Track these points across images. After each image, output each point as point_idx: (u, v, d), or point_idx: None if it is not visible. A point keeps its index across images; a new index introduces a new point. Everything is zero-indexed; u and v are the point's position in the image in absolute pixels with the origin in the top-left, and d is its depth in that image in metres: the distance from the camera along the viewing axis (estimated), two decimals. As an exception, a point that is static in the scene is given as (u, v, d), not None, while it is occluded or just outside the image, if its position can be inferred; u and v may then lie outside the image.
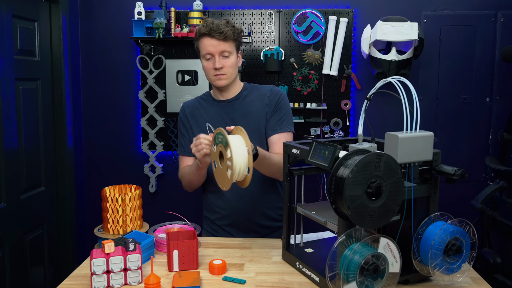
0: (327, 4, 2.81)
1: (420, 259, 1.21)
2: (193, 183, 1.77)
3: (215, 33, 1.67)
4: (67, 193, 2.78)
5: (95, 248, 1.34)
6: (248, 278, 1.32)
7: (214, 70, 1.70)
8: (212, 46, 1.68)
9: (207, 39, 1.68)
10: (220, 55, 1.69)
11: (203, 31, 1.68)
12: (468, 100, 2.78)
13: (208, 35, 1.68)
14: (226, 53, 1.70)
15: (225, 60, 1.71)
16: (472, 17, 2.72)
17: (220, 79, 1.72)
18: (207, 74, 1.75)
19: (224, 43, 1.68)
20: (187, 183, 1.79)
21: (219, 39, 1.67)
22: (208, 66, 1.72)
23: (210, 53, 1.69)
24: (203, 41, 1.70)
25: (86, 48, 2.99)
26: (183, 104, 1.89)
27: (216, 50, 1.68)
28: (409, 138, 1.16)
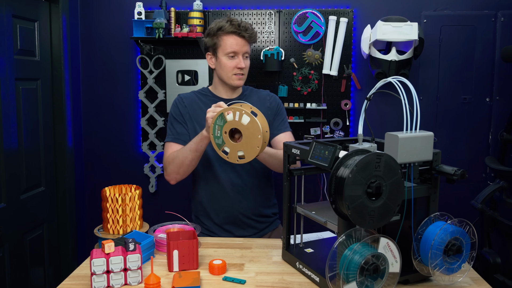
0: (327, 4, 2.81)
1: (420, 259, 1.21)
2: (184, 165, 1.68)
3: (245, 33, 1.68)
4: (67, 193, 2.78)
5: (95, 248, 1.34)
6: (248, 278, 1.32)
7: (236, 69, 1.71)
8: (238, 45, 1.69)
9: (234, 37, 1.68)
10: (243, 55, 1.71)
11: (232, 29, 1.68)
12: (468, 100, 2.78)
13: (236, 34, 1.68)
14: (247, 54, 1.74)
15: (246, 61, 1.73)
16: (472, 17, 2.72)
17: (240, 78, 1.73)
18: (225, 71, 1.73)
19: (248, 44, 1.72)
20: (176, 167, 1.70)
21: (246, 39, 1.69)
22: (230, 64, 1.71)
23: (235, 52, 1.69)
24: (228, 39, 1.69)
25: (86, 48, 2.99)
26: (180, 95, 1.87)
27: (241, 50, 1.70)
28: (409, 138, 1.16)
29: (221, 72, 1.75)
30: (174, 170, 1.71)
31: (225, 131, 1.48)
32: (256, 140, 1.46)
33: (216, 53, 1.74)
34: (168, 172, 1.74)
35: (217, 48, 1.73)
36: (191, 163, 1.68)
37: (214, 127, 1.50)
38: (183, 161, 1.68)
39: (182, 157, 1.67)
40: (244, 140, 1.47)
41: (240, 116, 1.45)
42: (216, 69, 1.78)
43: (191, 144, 1.64)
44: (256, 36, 1.76)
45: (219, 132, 1.49)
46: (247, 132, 1.45)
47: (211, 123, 1.51)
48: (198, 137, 1.61)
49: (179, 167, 1.70)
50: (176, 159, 1.70)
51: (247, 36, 1.69)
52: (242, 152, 1.48)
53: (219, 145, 1.51)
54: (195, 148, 1.63)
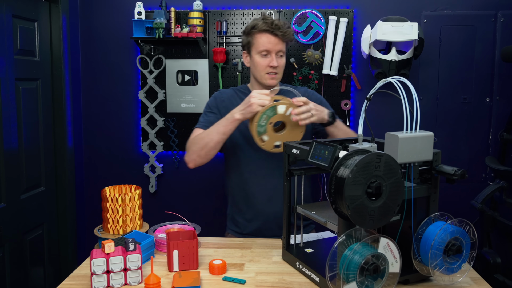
0: (327, 4, 2.81)
1: (420, 259, 1.21)
2: (208, 147, 1.64)
3: (278, 31, 1.66)
4: (67, 193, 2.78)
5: (95, 248, 1.34)
6: (248, 278, 1.32)
7: (268, 68, 1.70)
8: (271, 44, 1.68)
9: (267, 35, 1.68)
10: (276, 54, 1.70)
11: (265, 27, 1.67)
12: (468, 100, 2.78)
13: (269, 32, 1.67)
14: (281, 53, 1.72)
15: (280, 60, 1.72)
16: (472, 17, 2.72)
17: (273, 78, 1.72)
18: (258, 70, 1.73)
19: (282, 43, 1.70)
20: (199, 148, 1.66)
21: (279, 38, 1.68)
22: (262, 63, 1.70)
23: (267, 50, 1.68)
24: (261, 37, 1.69)
25: (86, 48, 2.99)
26: (220, 90, 1.90)
27: (274, 48, 1.68)
28: (409, 138, 1.16)
29: (254, 71, 1.75)
30: (196, 151, 1.67)
31: (271, 122, 1.55)
32: (298, 136, 1.59)
33: (250, 51, 1.74)
34: (190, 153, 1.70)
35: (251, 47, 1.73)
36: (215, 146, 1.65)
37: (261, 116, 1.53)
38: (208, 143, 1.64)
39: (208, 138, 1.64)
40: (286, 134, 1.57)
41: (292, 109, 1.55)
42: (251, 67, 1.78)
43: (219, 126, 1.62)
44: (292, 34, 1.74)
45: (265, 122, 1.54)
46: (291, 128, 1.57)
47: (260, 111, 1.53)
48: (228, 120, 1.60)
49: (201, 149, 1.65)
50: (200, 141, 1.66)
51: (280, 34, 1.68)
52: (280, 142, 1.57)
53: (259, 132, 1.55)
54: (223, 130, 1.61)
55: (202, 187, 3.02)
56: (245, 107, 1.56)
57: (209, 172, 3.01)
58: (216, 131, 1.62)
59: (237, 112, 1.59)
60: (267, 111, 1.53)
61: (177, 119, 2.96)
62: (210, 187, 3.02)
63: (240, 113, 1.58)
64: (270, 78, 1.72)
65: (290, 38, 1.73)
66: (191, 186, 3.02)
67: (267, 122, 1.54)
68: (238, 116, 1.58)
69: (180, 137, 2.97)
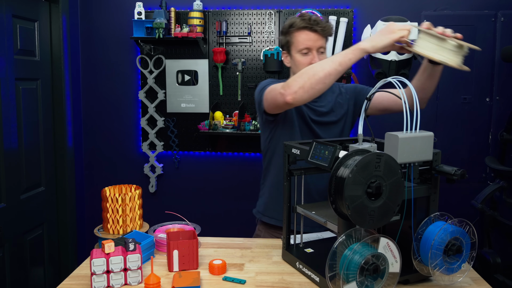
0: (327, 4, 2.81)
1: (420, 259, 1.21)
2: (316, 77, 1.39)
3: (317, 27, 1.60)
4: (67, 193, 2.78)
5: (95, 248, 1.34)
6: (248, 278, 1.32)
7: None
8: (312, 41, 1.61)
9: (307, 32, 1.61)
10: (317, 51, 1.63)
11: (303, 24, 1.60)
12: (468, 100, 2.78)
13: (308, 29, 1.61)
14: (322, 49, 1.64)
15: (322, 56, 1.64)
16: (472, 17, 2.72)
17: None
18: (300, 69, 1.58)
19: (322, 39, 1.63)
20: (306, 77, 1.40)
21: (319, 34, 1.61)
22: (304, 61, 1.62)
23: (308, 48, 1.62)
24: (300, 35, 1.62)
25: (86, 48, 2.99)
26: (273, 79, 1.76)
27: (315, 45, 1.62)
28: (409, 138, 1.16)
29: (296, 70, 1.64)
30: (300, 82, 1.40)
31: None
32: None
33: (290, 51, 1.67)
34: (292, 84, 1.42)
35: (290, 46, 1.66)
36: (325, 78, 1.38)
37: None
38: (317, 73, 1.38)
39: (318, 67, 1.39)
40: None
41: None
42: (291, 67, 1.71)
43: (335, 56, 1.40)
44: (331, 29, 1.66)
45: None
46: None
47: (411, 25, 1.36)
48: (350, 49, 1.39)
49: (308, 79, 1.39)
50: (309, 70, 1.42)
51: (320, 29, 1.60)
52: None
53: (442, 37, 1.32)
54: (339, 60, 1.37)
55: (202, 187, 3.02)
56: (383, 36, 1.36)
57: (209, 172, 3.01)
58: (331, 59, 1.39)
59: (365, 41, 1.39)
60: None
61: (177, 119, 2.96)
62: (210, 187, 3.02)
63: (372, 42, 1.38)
64: None
65: (330, 33, 1.65)
66: (191, 186, 3.02)
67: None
68: (366, 45, 1.38)
69: (180, 137, 2.97)
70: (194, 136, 2.96)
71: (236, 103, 2.91)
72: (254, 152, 2.96)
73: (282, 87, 1.46)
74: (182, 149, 2.99)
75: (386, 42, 1.36)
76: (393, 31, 1.36)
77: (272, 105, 1.56)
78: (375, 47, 1.37)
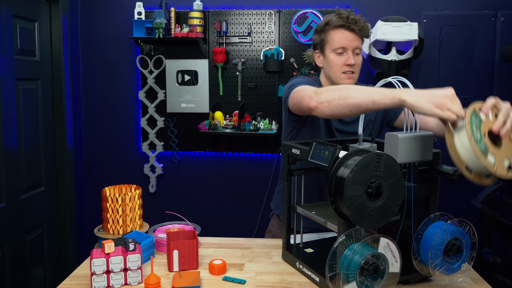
0: (327, 4, 2.81)
1: (420, 259, 1.21)
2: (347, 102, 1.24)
3: (355, 26, 1.53)
4: (67, 193, 2.78)
5: (95, 248, 1.34)
6: (248, 278, 1.32)
7: (345, 67, 1.56)
8: (348, 40, 1.54)
9: (343, 31, 1.54)
10: (352, 51, 1.56)
11: (340, 22, 1.53)
12: (468, 100, 2.78)
13: (345, 27, 1.54)
14: (358, 50, 1.57)
15: (357, 58, 1.57)
16: (472, 17, 2.72)
17: (349, 77, 1.57)
18: (334, 69, 1.57)
19: (359, 39, 1.56)
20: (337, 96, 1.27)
21: (356, 33, 1.54)
22: (338, 61, 1.56)
23: (343, 47, 1.55)
24: (336, 33, 1.55)
25: (86, 48, 2.99)
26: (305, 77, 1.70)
27: (351, 45, 1.55)
28: (409, 138, 1.16)
29: (329, 71, 1.59)
30: (328, 97, 1.29)
31: (484, 132, 1.09)
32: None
33: (324, 50, 1.60)
34: (321, 95, 1.31)
35: (325, 45, 1.59)
36: (353, 107, 1.24)
37: (471, 127, 1.07)
38: (348, 97, 1.24)
39: (352, 93, 1.24)
40: (505, 145, 1.11)
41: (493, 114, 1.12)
42: (324, 67, 1.64)
43: (375, 91, 1.20)
44: (369, 29, 1.58)
45: (479, 135, 1.08)
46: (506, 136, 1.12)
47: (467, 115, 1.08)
48: (391, 93, 1.16)
49: (338, 98, 1.26)
50: (343, 90, 1.28)
51: (357, 29, 1.53)
52: (508, 161, 1.11)
53: (483, 152, 1.07)
54: (375, 98, 1.19)
55: (202, 187, 3.02)
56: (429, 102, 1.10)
57: (209, 172, 3.01)
58: (368, 93, 1.21)
59: (408, 94, 1.13)
60: (472, 119, 1.08)
61: (177, 119, 2.96)
62: (210, 187, 3.02)
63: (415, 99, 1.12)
64: (346, 77, 1.57)
65: (367, 33, 1.57)
66: (191, 186, 3.02)
67: (481, 135, 1.08)
68: (407, 98, 1.12)
69: (180, 137, 2.97)
70: (194, 136, 2.97)
71: (236, 103, 2.91)
72: (254, 152, 2.96)
73: (313, 91, 1.36)
74: (182, 149, 2.99)
75: (428, 110, 1.10)
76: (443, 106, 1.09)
77: (296, 105, 1.48)
78: (413, 106, 1.12)
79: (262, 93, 2.88)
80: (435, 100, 1.09)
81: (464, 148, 1.09)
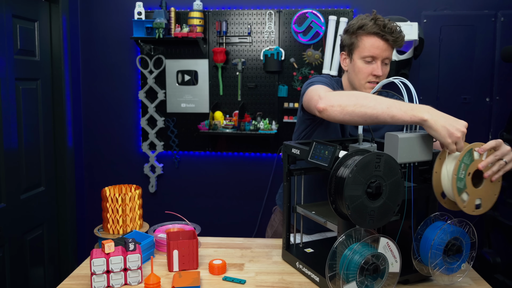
0: (327, 4, 2.81)
1: (420, 259, 1.21)
2: (362, 111, 1.21)
3: (390, 36, 1.45)
4: (67, 193, 2.78)
5: (95, 248, 1.34)
6: (248, 278, 1.32)
7: (371, 76, 1.48)
8: (380, 50, 1.46)
9: (376, 39, 1.46)
10: (382, 62, 1.48)
11: (375, 29, 1.46)
12: (468, 100, 2.78)
13: (379, 36, 1.46)
14: (387, 60, 1.50)
15: (385, 68, 1.50)
16: (472, 17, 2.72)
17: (373, 88, 1.43)
18: (359, 77, 1.50)
19: (391, 50, 1.49)
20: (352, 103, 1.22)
21: (389, 44, 1.47)
22: (365, 70, 1.48)
23: (373, 56, 1.47)
24: (369, 40, 1.47)
25: (86, 48, 2.99)
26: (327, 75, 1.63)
27: (381, 55, 1.47)
28: (409, 138, 1.16)
29: (353, 77, 1.52)
30: (342, 102, 1.24)
31: (470, 172, 1.15)
32: (497, 186, 1.20)
33: (352, 54, 1.52)
34: (334, 99, 1.27)
35: (354, 49, 1.51)
36: (368, 116, 1.20)
37: (459, 165, 1.14)
38: (364, 105, 1.21)
39: (369, 102, 1.20)
40: (485, 186, 1.18)
41: (487, 154, 1.17)
42: (349, 72, 1.56)
43: (394, 105, 1.17)
44: (403, 41, 1.49)
45: (463, 173, 1.15)
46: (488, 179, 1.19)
47: (461, 153, 1.13)
48: (410, 111, 1.14)
49: (353, 105, 1.22)
50: (359, 98, 1.24)
51: (392, 40, 1.45)
52: (480, 200, 1.19)
53: (460, 189, 1.15)
54: (394, 114, 1.16)
55: (202, 187, 3.03)
56: (448, 125, 1.11)
57: (209, 172, 3.01)
58: (387, 106, 1.18)
59: (429, 114, 1.13)
60: (464, 157, 1.14)
61: (177, 119, 2.96)
62: (210, 187, 3.02)
63: (435, 120, 1.12)
64: (370, 87, 1.49)
65: (401, 45, 1.50)
66: (191, 186, 3.02)
67: (465, 174, 1.15)
68: (428, 118, 1.12)
69: (180, 137, 2.97)
70: (194, 136, 2.97)
71: (236, 103, 2.91)
72: (254, 152, 2.96)
73: (324, 91, 1.32)
74: (182, 149, 2.99)
75: (441, 137, 1.12)
76: (456, 139, 1.11)
77: (306, 103, 1.44)
78: (431, 127, 1.13)
79: (262, 93, 2.89)
80: (452, 130, 1.11)
81: (446, 180, 1.17)
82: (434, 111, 1.14)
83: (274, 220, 1.85)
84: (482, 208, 1.20)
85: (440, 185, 1.18)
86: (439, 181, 1.18)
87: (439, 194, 1.19)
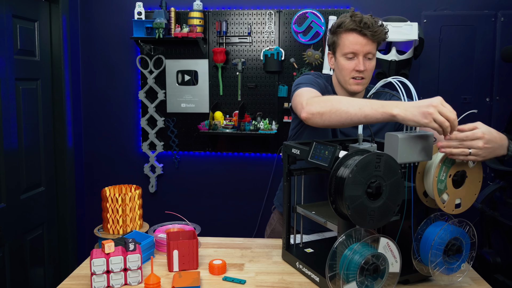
0: (327, 4, 2.81)
1: (420, 259, 1.21)
2: (338, 114, 1.26)
3: (367, 30, 1.46)
4: (67, 193, 2.78)
5: (95, 248, 1.34)
6: (248, 278, 1.32)
7: (354, 72, 1.51)
8: (359, 45, 1.48)
9: (355, 35, 1.48)
10: (364, 56, 1.50)
11: (352, 26, 1.48)
12: (468, 100, 2.78)
13: (357, 32, 1.47)
14: (371, 55, 1.51)
15: (368, 63, 1.51)
16: (472, 17, 2.72)
17: (358, 83, 1.52)
18: (343, 74, 1.53)
19: (372, 44, 1.50)
20: (329, 108, 1.27)
21: (368, 38, 1.48)
22: (347, 66, 1.51)
23: (354, 52, 1.49)
24: (348, 37, 1.49)
25: (86, 48, 2.99)
26: (318, 73, 1.66)
27: (362, 50, 1.49)
28: (409, 138, 1.16)
29: (339, 75, 1.56)
30: (321, 108, 1.30)
31: (451, 174, 1.20)
32: (476, 186, 1.26)
33: (335, 52, 1.55)
34: (314, 105, 1.32)
35: (336, 47, 1.54)
36: (345, 119, 1.25)
37: (441, 167, 1.18)
38: (339, 110, 1.25)
39: (344, 106, 1.25)
40: (465, 186, 1.23)
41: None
42: (335, 70, 1.60)
43: (366, 104, 1.21)
44: (384, 33, 1.50)
45: (444, 175, 1.19)
46: (471, 177, 1.23)
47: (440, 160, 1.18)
48: (381, 108, 1.18)
49: (329, 110, 1.28)
50: (335, 103, 1.28)
51: (370, 34, 1.46)
52: (460, 200, 1.24)
53: (440, 190, 1.19)
54: (367, 113, 1.20)
55: (202, 187, 3.03)
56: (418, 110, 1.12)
57: (209, 172, 3.01)
58: (360, 106, 1.22)
59: (399, 108, 1.15)
60: (446, 160, 1.19)
61: (177, 119, 2.96)
62: (210, 187, 3.02)
63: (405, 112, 1.14)
64: (355, 83, 1.52)
65: (382, 37, 1.51)
66: (191, 186, 3.02)
67: (446, 176, 1.19)
68: (398, 112, 1.14)
69: (180, 137, 2.97)
70: (194, 136, 2.97)
71: (236, 103, 2.91)
72: (254, 152, 2.96)
73: (307, 99, 1.35)
74: (182, 149, 2.99)
75: (417, 122, 1.12)
76: (429, 116, 1.10)
77: (294, 107, 1.48)
78: (405, 119, 1.14)
79: (262, 93, 2.89)
80: (422, 110, 1.11)
81: (428, 180, 1.20)
82: (403, 104, 1.15)
83: (273, 218, 1.86)
84: (462, 207, 1.25)
85: (422, 185, 1.22)
86: (421, 181, 1.22)
87: (421, 193, 1.23)
